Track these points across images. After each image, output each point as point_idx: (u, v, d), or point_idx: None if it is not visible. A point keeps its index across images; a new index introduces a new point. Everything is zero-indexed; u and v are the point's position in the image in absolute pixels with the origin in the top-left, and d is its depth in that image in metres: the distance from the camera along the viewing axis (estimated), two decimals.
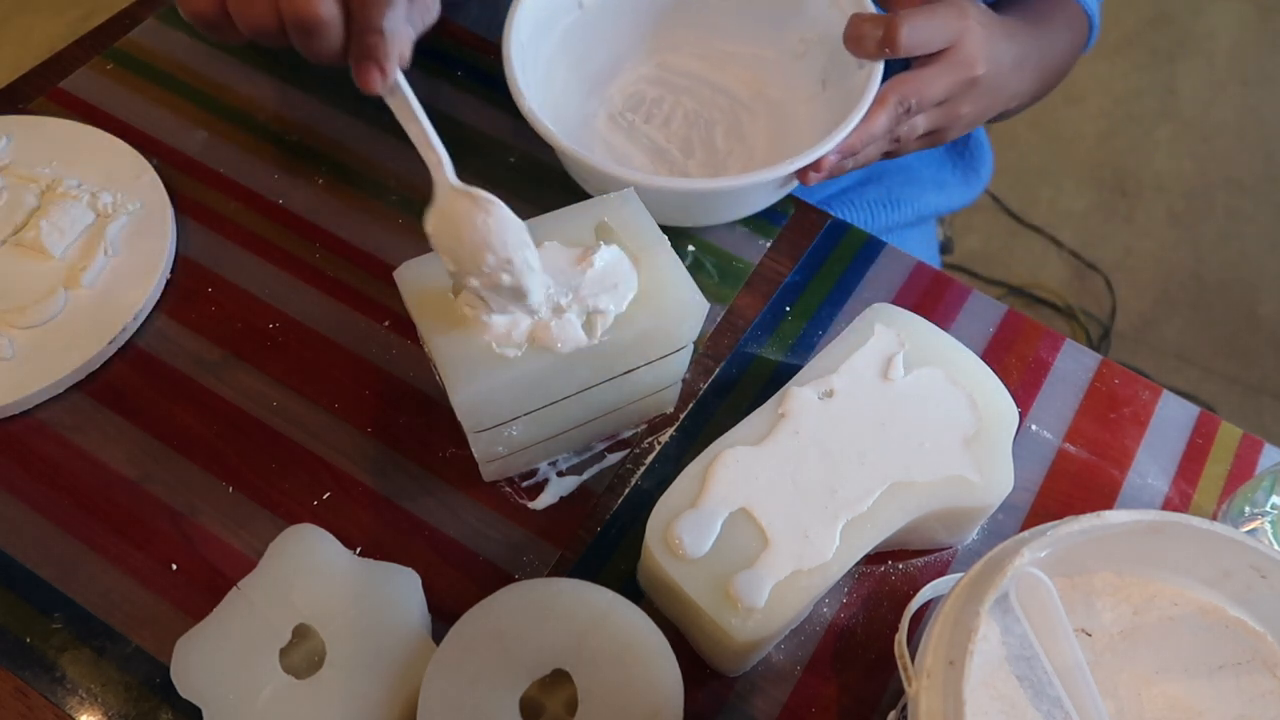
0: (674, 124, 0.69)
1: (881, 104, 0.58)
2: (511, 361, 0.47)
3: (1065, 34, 0.71)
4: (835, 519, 0.47)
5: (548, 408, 0.50)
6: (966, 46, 0.59)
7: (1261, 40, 2.04)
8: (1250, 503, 0.53)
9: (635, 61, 0.71)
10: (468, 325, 0.47)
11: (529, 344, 0.47)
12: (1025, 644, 0.41)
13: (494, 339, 0.47)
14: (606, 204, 0.52)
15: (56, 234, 0.61)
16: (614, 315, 0.48)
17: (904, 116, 0.60)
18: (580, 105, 0.69)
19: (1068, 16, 0.72)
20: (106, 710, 0.48)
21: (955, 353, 0.53)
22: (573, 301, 0.48)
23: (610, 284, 0.49)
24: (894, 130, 0.60)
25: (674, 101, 0.70)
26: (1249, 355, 1.62)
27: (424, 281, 0.49)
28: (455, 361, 0.47)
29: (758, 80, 0.70)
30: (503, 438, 0.50)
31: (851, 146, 0.58)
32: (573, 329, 0.48)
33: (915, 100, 0.59)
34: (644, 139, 0.68)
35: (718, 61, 0.71)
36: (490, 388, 0.47)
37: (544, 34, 0.65)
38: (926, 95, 0.59)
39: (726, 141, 0.68)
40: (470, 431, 0.49)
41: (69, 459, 0.55)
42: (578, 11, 0.67)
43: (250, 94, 0.71)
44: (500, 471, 0.54)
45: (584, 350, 0.48)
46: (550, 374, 0.48)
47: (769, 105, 0.69)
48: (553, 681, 0.45)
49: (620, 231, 0.52)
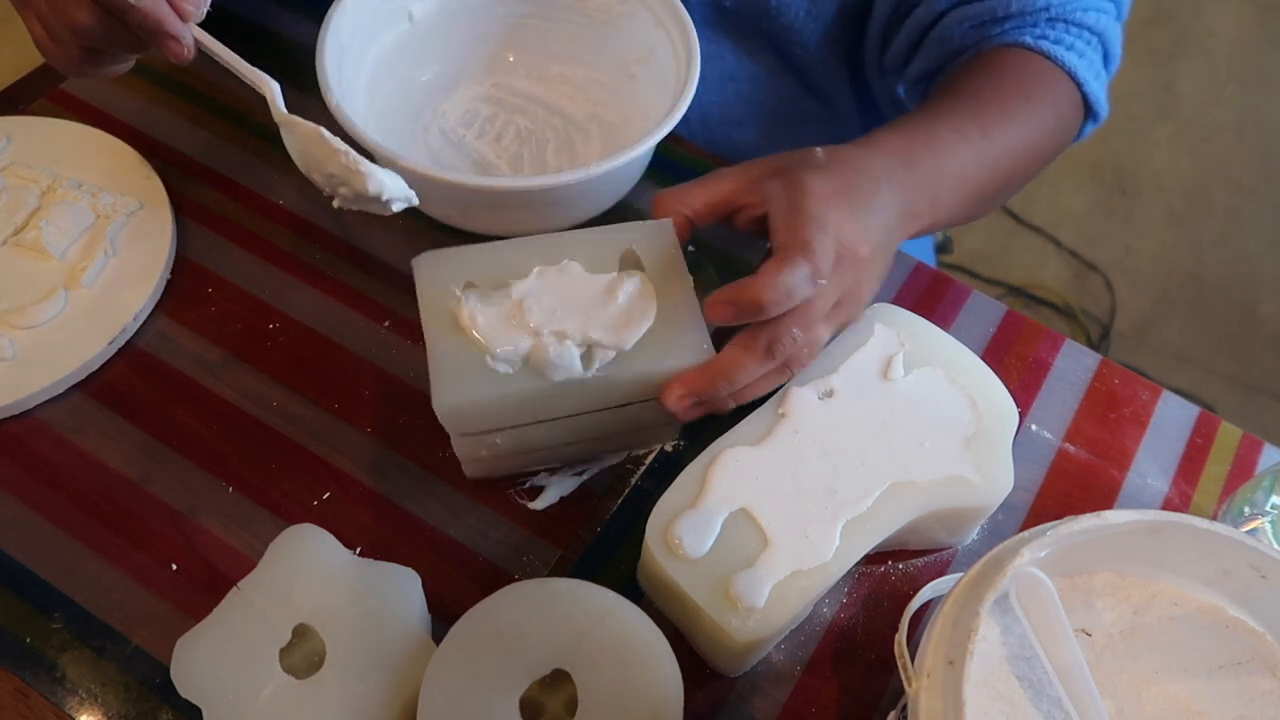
0: (505, 140, 0.69)
1: (748, 349, 0.48)
2: (501, 378, 0.47)
3: (1035, 123, 0.62)
4: (835, 519, 0.47)
5: (535, 425, 0.50)
6: (841, 238, 0.49)
7: (1261, 40, 2.04)
8: (1250, 503, 0.53)
9: (471, 80, 0.72)
10: (466, 331, 0.48)
11: (524, 364, 0.47)
12: (1025, 644, 0.41)
13: (491, 352, 0.47)
14: (638, 230, 0.52)
15: (57, 234, 0.61)
16: (615, 352, 0.48)
17: (788, 345, 0.49)
18: (413, 117, 0.69)
19: (1054, 100, 0.63)
20: (106, 710, 0.48)
21: (955, 353, 0.53)
22: (577, 330, 0.48)
23: (623, 321, 0.49)
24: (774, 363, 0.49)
25: (506, 119, 0.70)
26: (1249, 355, 1.62)
27: (440, 276, 0.49)
28: (444, 366, 0.47)
29: (592, 102, 0.70)
30: (486, 443, 0.50)
31: (703, 390, 0.49)
32: (569, 358, 0.47)
33: (797, 330, 0.48)
34: (473, 153, 0.68)
35: (553, 83, 0.71)
36: (473, 400, 0.47)
37: (370, 40, 0.65)
38: (812, 316, 0.49)
39: (557, 159, 0.68)
40: (451, 433, 0.49)
41: (69, 459, 0.55)
42: (408, 24, 0.68)
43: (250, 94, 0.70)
44: (484, 471, 0.54)
45: (575, 381, 0.48)
46: (537, 398, 0.48)
47: (603, 126, 0.69)
48: (553, 681, 0.45)
49: (646, 261, 0.51)
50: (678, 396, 0.49)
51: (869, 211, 0.51)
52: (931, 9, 0.66)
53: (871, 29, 0.70)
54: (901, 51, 0.70)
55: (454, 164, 0.67)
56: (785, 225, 0.48)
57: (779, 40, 0.72)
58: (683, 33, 0.62)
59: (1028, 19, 0.64)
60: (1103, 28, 0.65)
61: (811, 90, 0.77)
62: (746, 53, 0.74)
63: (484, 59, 0.72)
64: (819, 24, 0.70)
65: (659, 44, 0.65)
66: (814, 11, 0.69)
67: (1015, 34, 0.64)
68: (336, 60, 0.61)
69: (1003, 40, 0.64)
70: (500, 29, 0.71)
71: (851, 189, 0.50)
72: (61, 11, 0.51)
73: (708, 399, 0.49)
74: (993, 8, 0.63)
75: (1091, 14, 0.64)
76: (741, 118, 0.77)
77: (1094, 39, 0.65)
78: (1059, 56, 0.63)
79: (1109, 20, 0.66)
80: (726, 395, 0.49)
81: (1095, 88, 0.65)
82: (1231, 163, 1.85)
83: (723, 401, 0.50)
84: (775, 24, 0.70)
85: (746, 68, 0.74)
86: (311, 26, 0.61)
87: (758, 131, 0.78)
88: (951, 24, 0.65)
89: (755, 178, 0.52)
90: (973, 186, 0.58)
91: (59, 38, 0.53)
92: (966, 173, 0.57)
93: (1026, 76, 0.63)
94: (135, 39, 0.52)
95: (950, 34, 0.66)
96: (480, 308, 0.48)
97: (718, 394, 0.49)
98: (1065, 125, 0.65)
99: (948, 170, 0.56)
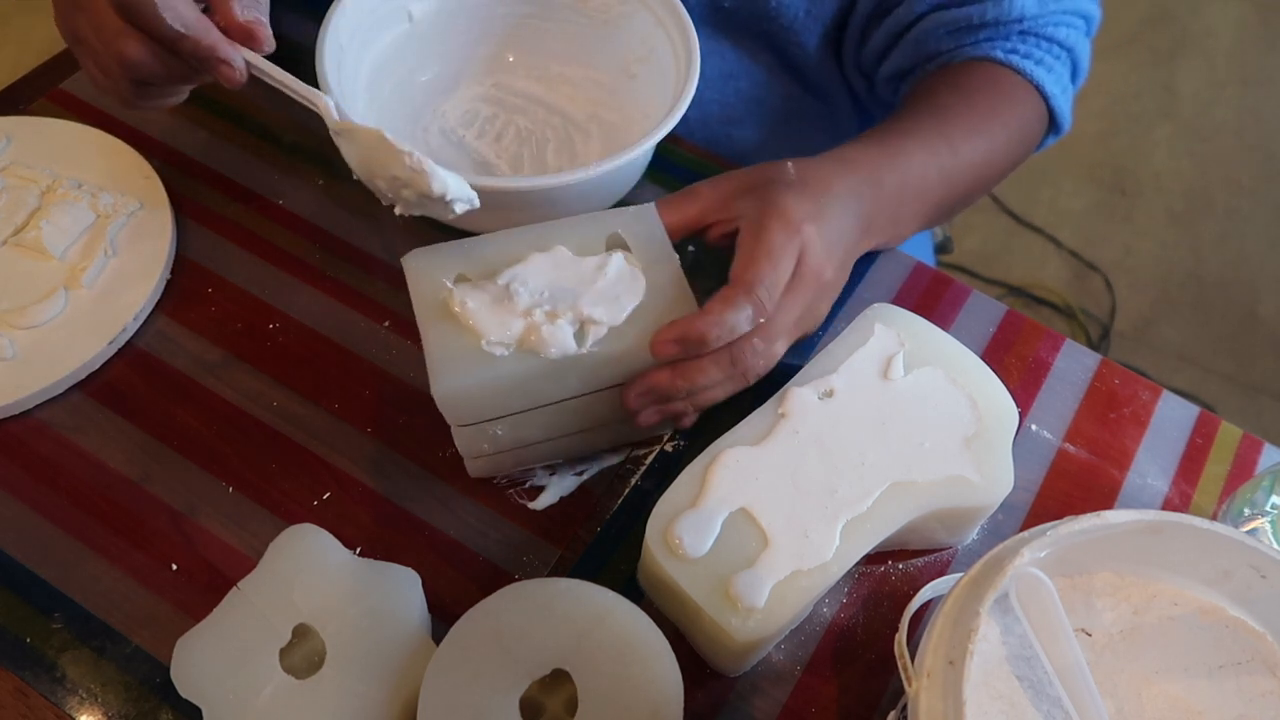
0: (505, 140, 0.69)
1: (711, 355, 0.49)
2: (497, 360, 0.47)
3: (1000, 139, 0.64)
4: (835, 519, 0.47)
5: (535, 411, 0.50)
6: (807, 260, 0.51)
7: (1261, 40, 2.04)
8: (1250, 503, 0.53)
9: (471, 80, 0.71)
10: (458, 319, 0.48)
11: (518, 346, 0.48)
12: (1025, 644, 0.41)
13: (485, 337, 0.47)
14: (622, 216, 0.53)
15: (57, 234, 0.61)
16: (608, 327, 0.49)
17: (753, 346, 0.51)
18: (413, 117, 0.69)
19: (1021, 114, 0.65)
20: (106, 710, 0.48)
21: (955, 353, 0.53)
22: (569, 308, 0.48)
23: (612, 295, 0.49)
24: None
25: (506, 120, 0.70)
26: (1249, 355, 1.62)
27: (429, 270, 0.50)
28: (440, 353, 0.47)
29: (592, 102, 0.70)
30: (487, 435, 0.50)
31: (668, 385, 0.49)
32: (563, 335, 0.48)
33: (759, 340, 0.50)
34: (473, 153, 0.68)
35: (553, 83, 0.71)
36: (471, 384, 0.47)
37: (369, 40, 0.65)
38: (774, 331, 0.51)
39: (558, 159, 0.68)
40: (451, 425, 0.49)
41: (69, 459, 0.55)
42: (408, 24, 0.68)
43: (250, 94, 0.71)
44: (487, 469, 0.54)
45: (571, 357, 0.48)
46: (535, 378, 0.48)
47: (603, 126, 0.69)
48: (553, 681, 0.45)
49: (632, 244, 0.52)
50: (637, 394, 0.50)
51: (836, 233, 0.53)
52: (911, 10, 0.67)
53: (852, 24, 0.71)
54: (877, 49, 0.71)
55: (454, 164, 0.67)
56: (746, 256, 0.50)
57: (778, 40, 0.72)
58: (683, 33, 0.62)
59: (1001, 29, 0.65)
60: (1073, 43, 0.67)
61: (810, 89, 0.78)
62: (746, 52, 0.74)
63: (484, 59, 0.72)
64: (818, 24, 0.71)
65: (659, 44, 0.65)
66: (814, 12, 0.70)
67: (987, 46, 0.66)
68: (336, 60, 0.61)
69: (974, 53, 0.66)
70: (500, 29, 0.71)
71: (820, 211, 0.52)
72: (111, 45, 0.51)
73: (666, 397, 0.50)
74: (969, 15, 0.65)
75: (1063, 29, 0.66)
76: (741, 116, 0.77)
77: (1064, 54, 0.67)
78: (1029, 71, 0.65)
79: (1079, 36, 0.68)
80: (685, 398, 0.51)
81: (1061, 102, 0.67)
82: (1231, 163, 1.85)
83: (680, 405, 0.51)
84: (775, 25, 0.70)
85: (746, 67, 0.75)
86: (311, 26, 0.61)
87: (757, 130, 0.79)
88: (929, 27, 0.67)
89: (727, 194, 0.54)
90: (933, 200, 0.61)
91: (110, 72, 0.53)
92: (929, 188, 0.60)
93: (997, 92, 0.65)
94: (187, 69, 0.53)
95: (926, 37, 0.67)
96: (471, 295, 0.49)
97: (677, 394, 0.50)
98: (1028, 139, 0.68)
99: (913, 187, 0.59)
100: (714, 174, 0.56)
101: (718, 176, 0.55)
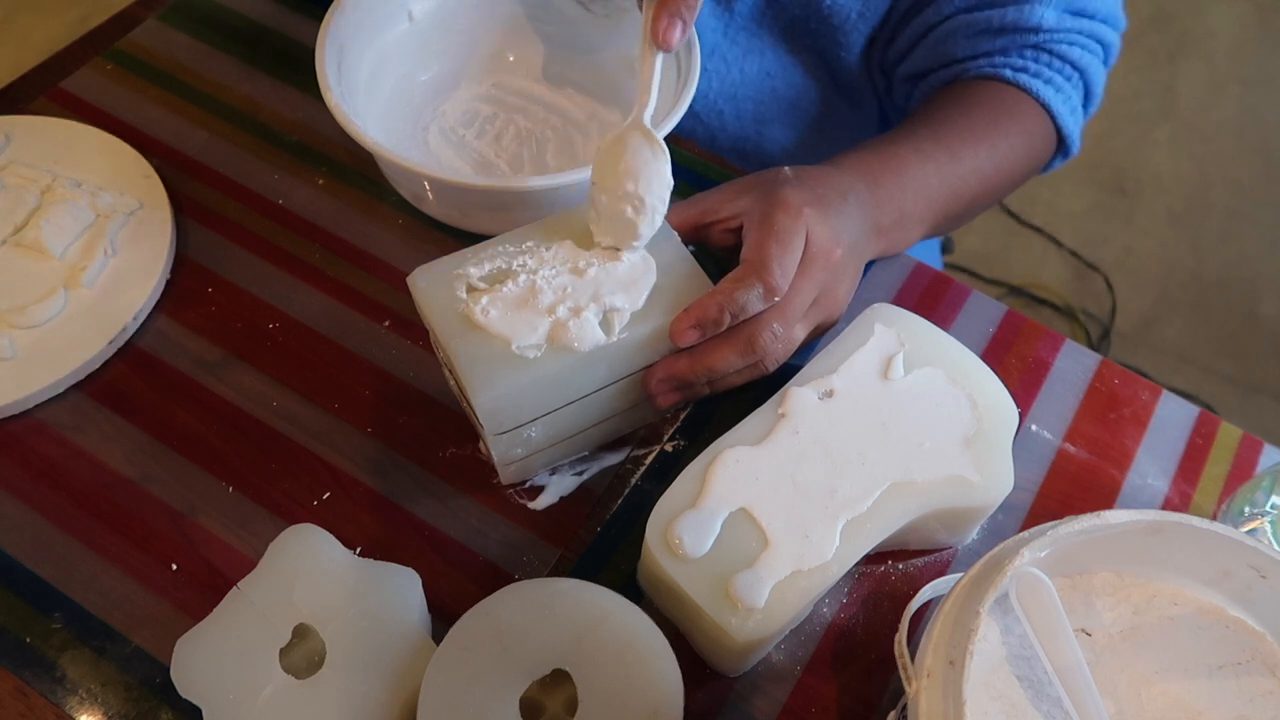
0: (505, 140, 0.69)
1: (730, 341, 0.50)
2: (531, 362, 0.48)
3: (1004, 148, 0.64)
4: (835, 519, 0.47)
5: (567, 407, 0.50)
6: (815, 240, 0.52)
7: (1261, 40, 2.04)
8: (1250, 503, 0.53)
9: (471, 80, 0.72)
10: (484, 328, 0.48)
11: (548, 344, 0.48)
12: (1025, 644, 0.41)
13: (514, 342, 0.48)
14: None
15: (56, 234, 0.61)
16: (630, 313, 0.49)
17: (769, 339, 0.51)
18: (413, 117, 0.69)
19: (1025, 128, 0.65)
20: (106, 710, 0.48)
21: (955, 353, 0.53)
22: (590, 300, 0.49)
23: (629, 280, 0.50)
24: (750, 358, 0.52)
25: (506, 119, 0.70)
26: (1249, 355, 1.62)
27: (438, 286, 0.49)
28: (476, 364, 0.47)
29: (592, 102, 0.71)
30: (521, 439, 0.50)
31: (681, 372, 0.51)
32: (591, 327, 0.48)
33: (777, 325, 0.51)
34: (473, 153, 0.68)
35: (553, 83, 0.71)
36: (512, 389, 0.47)
37: (369, 40, 0.65)
38: (791, 314, 0.52)
39: (558, 159, 0.68)
40: (491, 434, 0.49)
41: (69, 459, 0.55)
42: (408, 24, 0.68)
43: (250, 94, 0.71)
44: (518, 474, 0.54)
45: (602, 347, 0.48)
46: (570, 373, 0.48)
47: (604, 127, 0.69)
48: (553, 681, 0.45)
49: None
50: (659, 380, 0.51)
51: (839, 217, 0.54)
52: (939, 11, 0.67)
53: (887, 24, 0.72)
54: (901, 49, 0.71)
55: (454, 164, 0.67)
56: (754, 241, 0.51)
57: (823, 41, 0.73)
58: None
59: (1017, 38, 0.66)
60: (1085, 64, 0.67)
61: (842, 91, 0.78)
62: (787, 50, 0.74)
63: (484, 59, 0.72)
64: (867, 26, 0.71)
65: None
66: (865, 15, 0.70)
67: (1000, 61, 0.66)
68: (336, 60, 0.61)
69: (983, 71, 0.67)
70: (500, 29, 0.71)
71: (820, 199, 0.53)
72: None
73: (687, 385, 0.52)
74: (989, 18, 0.65)
75: (1076, 49, 0.66)
76: (773, 116, 0.78)
77: (1075, 75, 0.67)
78: (1034, 89, 0.66)
79: (1094, 60, 0.68)
80: (705, 383, 0.52)
81: (1070, 122, 0.67)
82: (1231, 163, 1.85)
83: (700, 389, 0.53)
84: (825, 25, 0.71)
85: (784, 66, 0.75)
86: (311, 26, 0.61)
87: (787, 130, 0.79)
88: (951, 29, 0.67)
89: (727, 195, 0.55)
90: (938, 205, 0.61)
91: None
92: (931, 192, 0.61)
93: (999, 105, 0.65)
94: None
95: (946, 39, 0.68)
96: (490, 304, 0.49)
97: (697, 381, 0.51)
98: (1035, 153, 0.67)
99: (912, 188, 0.59)
100: (714, 174, 0.56)
101: (718, 186, 0.57)
